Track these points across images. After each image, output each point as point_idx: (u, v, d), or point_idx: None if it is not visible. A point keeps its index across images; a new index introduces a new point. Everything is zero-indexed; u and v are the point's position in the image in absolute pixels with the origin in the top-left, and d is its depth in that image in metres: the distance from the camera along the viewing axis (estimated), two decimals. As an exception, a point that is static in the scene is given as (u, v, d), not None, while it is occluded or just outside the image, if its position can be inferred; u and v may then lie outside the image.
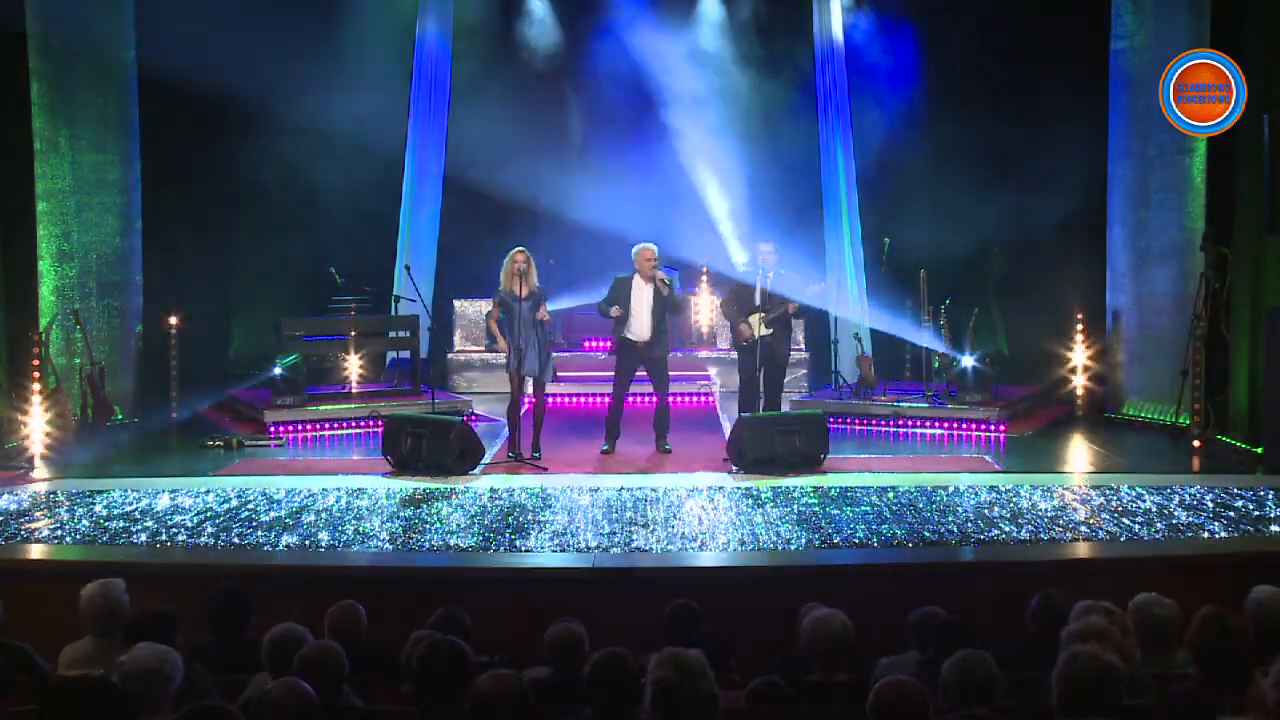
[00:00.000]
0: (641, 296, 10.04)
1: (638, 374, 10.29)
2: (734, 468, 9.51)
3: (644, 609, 6.07)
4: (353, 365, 12.55)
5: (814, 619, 4.91)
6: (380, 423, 10.63)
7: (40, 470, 9.86)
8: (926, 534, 7.65)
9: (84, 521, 8.07)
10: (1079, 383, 12.29)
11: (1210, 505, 8.26)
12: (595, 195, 14.57)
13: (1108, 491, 8.72)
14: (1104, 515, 8.03)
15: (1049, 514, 8.08)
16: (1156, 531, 7.67)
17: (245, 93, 13.02)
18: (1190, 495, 8.53)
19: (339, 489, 8.98)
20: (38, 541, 7.72)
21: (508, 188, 14.38)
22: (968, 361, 11.68)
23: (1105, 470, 9.89)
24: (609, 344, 10.37)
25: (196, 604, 5.72)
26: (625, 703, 4.01)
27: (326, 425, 11.65)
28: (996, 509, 8.21)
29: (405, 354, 12.98)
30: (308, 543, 7.60)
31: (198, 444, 10.95)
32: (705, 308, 14.30)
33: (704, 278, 14.33)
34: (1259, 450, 9.83)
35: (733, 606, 6.64)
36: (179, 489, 9.00)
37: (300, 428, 11.52)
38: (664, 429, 10.34)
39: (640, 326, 10.04)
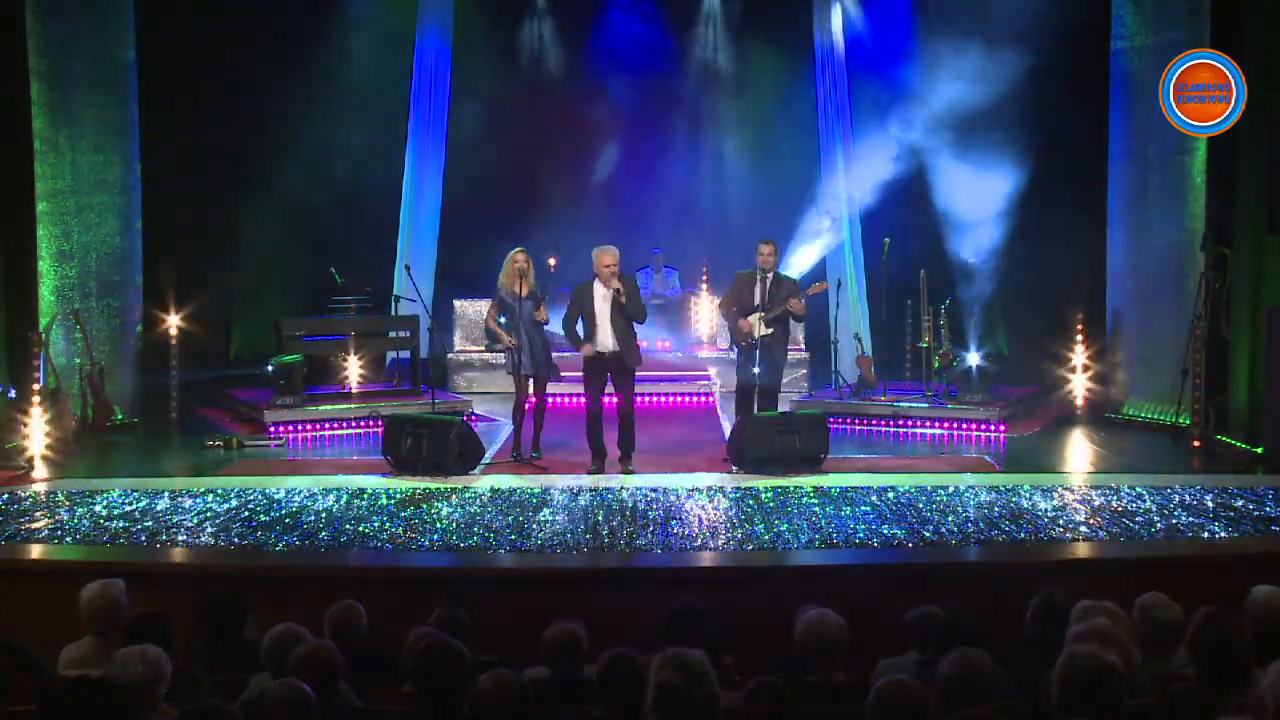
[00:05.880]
0: (603, 305, 9.35)
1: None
2: (734, 468, 9.50)
3: (644, 609, 6.07)
4: (353, 365, 12.55)
5: (807, 619, 4.90)
6: (380, 423, 10.63)
7: (40, 470, 9.85)
8: (926, 534, 7.65)
9: (84, 521, 8.07)
10: (1079, 383, 12.28)
11: (1210, 505, 8.25)
12: (595, 195, 14.61)
13: (1108, 491, 8.72)
14: (1104, 515, 8.03)
15: (1049, 514, 8.08)
16: (1156, 531, 7.67)
17: (245, 92, 13.06)
18: (1190, 495, 8.52)
19: (339, 489, 8.97)
20: (38, 541, 7.71)
21: (508, 188, 14.41)
22: (969, 361, 11.68)
23: (1105, 470, 9.88)
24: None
25: (196, 604, 5.72)
26: (633, 703, 4.01)
27: (326, 425, 11.64)
28: (996, 509, 8.21)
29: (405, 354, 12.97)
30: (308, 543, 7.60)
31: (198, 444, 10.96)
32: (705, 308, 14.28)
33: (704, 278, 14.32)
34: (1259, 450, 9.83)
35: (733, 606, 6.63)
36: (179, 489, 9.00)
37: (300, 428, 11.51)
38: (629, 446, 9.55)
39: (605, 337, 9.36)
